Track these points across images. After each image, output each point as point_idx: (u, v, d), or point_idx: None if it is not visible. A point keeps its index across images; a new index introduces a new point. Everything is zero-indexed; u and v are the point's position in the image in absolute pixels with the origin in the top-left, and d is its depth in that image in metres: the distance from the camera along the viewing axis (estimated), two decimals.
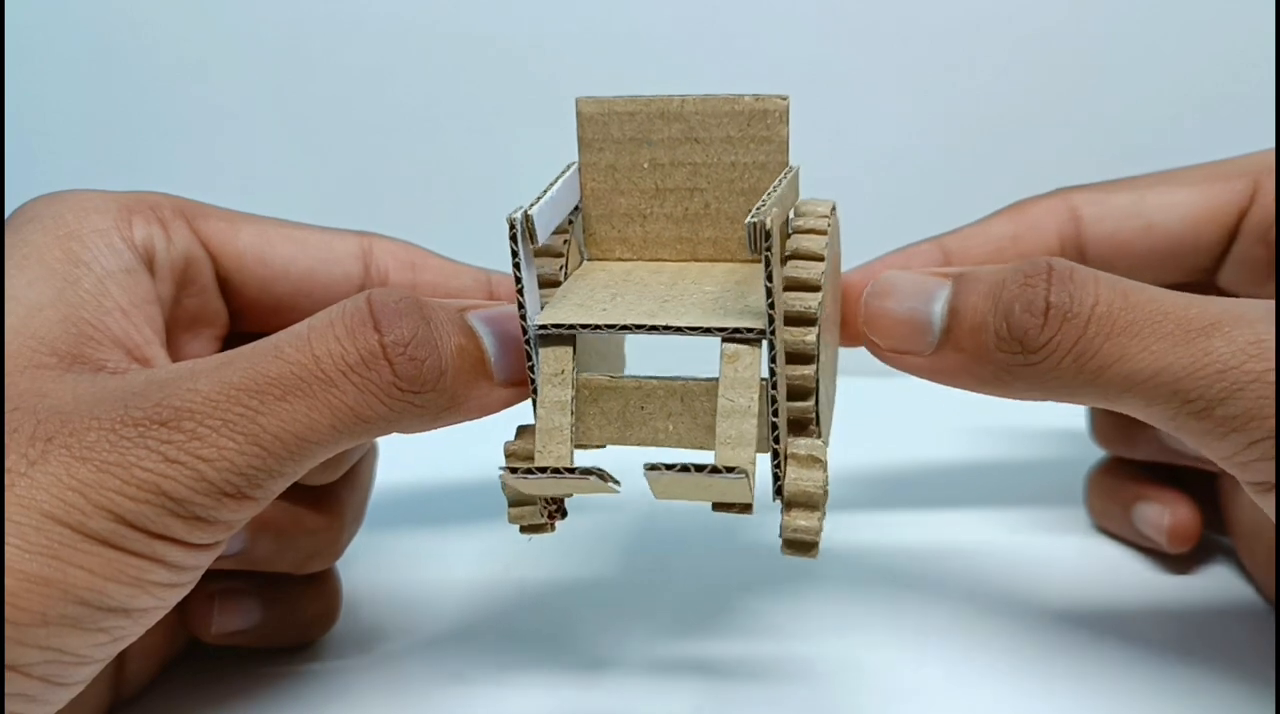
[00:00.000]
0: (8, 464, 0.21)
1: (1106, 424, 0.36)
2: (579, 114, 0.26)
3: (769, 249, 0.21)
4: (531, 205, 0.23)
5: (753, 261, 0.27)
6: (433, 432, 0.24)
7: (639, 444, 0.24)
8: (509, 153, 0.52)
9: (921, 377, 0.26)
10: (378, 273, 0.29)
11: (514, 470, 0.21)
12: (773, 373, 0.23)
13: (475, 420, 0.24)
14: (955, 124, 0.52)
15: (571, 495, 0.24)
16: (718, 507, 0.23)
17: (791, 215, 0.25)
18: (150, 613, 0.22)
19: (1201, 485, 0.34)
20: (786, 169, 0.25)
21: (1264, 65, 0.50)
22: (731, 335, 0.22)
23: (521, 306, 0.23)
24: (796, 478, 0.23)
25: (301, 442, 0.22)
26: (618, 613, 0.32)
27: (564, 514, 0.25)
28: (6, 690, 0.20)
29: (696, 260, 0.27)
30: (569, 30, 0.52)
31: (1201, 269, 0.31)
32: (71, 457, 0.21)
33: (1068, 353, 0.23)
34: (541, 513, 0.24)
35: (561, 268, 0.26)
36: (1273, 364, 0.22)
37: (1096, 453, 0.37)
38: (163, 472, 0.21)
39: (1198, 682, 0.28)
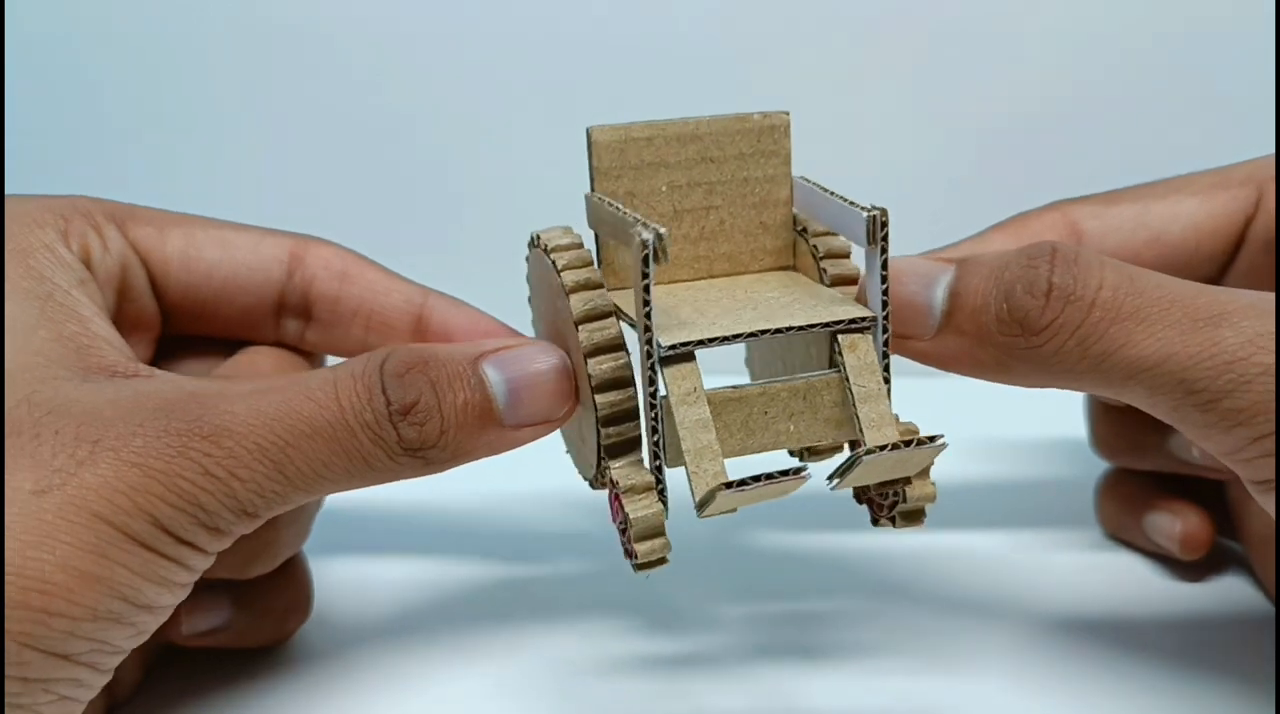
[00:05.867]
0: (55, 465, 0.22)
1: (1109, 435, 0.35)
2: (594, 143, 0.26)
3: (885, 238, 0.23)
4: (657, 226, 0.23)
5: (769, 270, 0.28)
6: None
7: (761, 450, 0.24)
8: (486, 159, 0.53)
9: (923, 362, 0.26)
10: (303, 280, 0.30)
11: (728, 486, 0.21)
12: (885, 356, 0.24)
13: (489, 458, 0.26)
14: (951, 136, 0.52)
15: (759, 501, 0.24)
16: (859, 496, 0.25)
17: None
18: (166, 610, 0.23)
19: (1210, 493, 0.34)
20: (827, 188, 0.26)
21: (1263, 67, 0.50)
22: (848, 327, 0.24)
23: (649, 329, 0.23)
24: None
25: (319, 478, 0.24)
26: (611, 613, 0.33)
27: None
28: (62, 677, 0.22)
29: (712, 277, 0.27)
30: (567, 38, 0.52)
31: (1205, 278, 0.31)
32: (120, 460, 0.22)
33: (1070, 336, 0.23)
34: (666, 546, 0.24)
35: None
36: None
37: (1103, 465, 0.37)
38: (201, 484, 0.22)
39: (1210, 688, 0.28)
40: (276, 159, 0.54)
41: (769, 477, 0.21)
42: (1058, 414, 0.41)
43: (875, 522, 0.26)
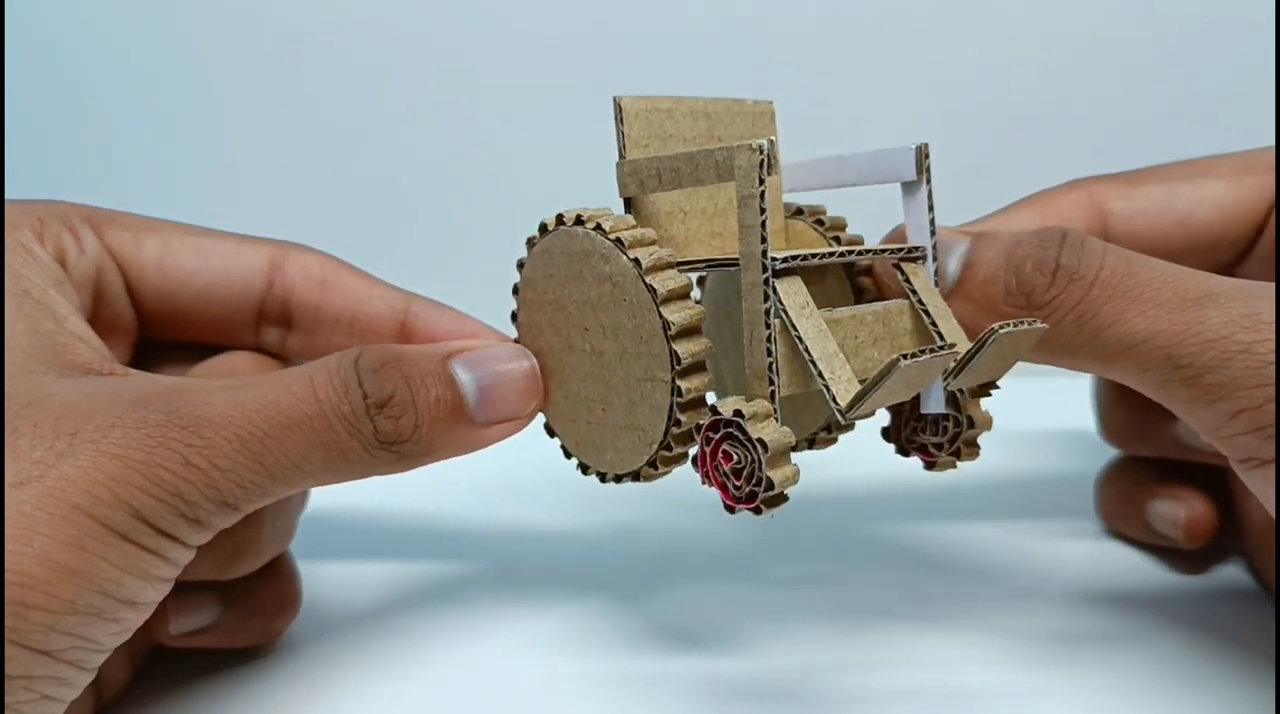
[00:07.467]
0: (33, 457, 0.21)
1: (1117, 421, 0.35)
2: (624, 112, 0.26)
3: (928, 168, 0.24)
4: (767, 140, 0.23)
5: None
6: None
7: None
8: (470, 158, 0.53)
9: None
10: (282, 289, 0.30)
11: (907, 356, 0.21)
12: (936, 283, 0.25)
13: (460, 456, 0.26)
14: (968, 115, 0.52)
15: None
16: (905, 450, 0.27)
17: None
18: (149, 606, 0.23)
19: (1213, 484, 0.34)
20: None
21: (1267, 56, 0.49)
22: (908, 254, 0.26)
23: (764, 240, 0.22)
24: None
25: (296, 470, 0.24)
26: (596, 600, 0.33)
27: None
28: (43, 674, 0.21)
29: (725, 253, 0.27)
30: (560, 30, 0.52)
31: (1225, 263, 0.31)
32: (99, 452, 0.22)
33: (1070, 312, 0.24)
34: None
35: None
36: (1263, 336, 0.22)
37: (1103, 458, 0.37)
38: (182, 475, 0.22)
39: (1209, 679, 0.28)
40: (263, 162, 0.54)
41: (933, 350, 0.22)
42: (1056, 405, 0.41)
43: (931, 466, 0.27)
